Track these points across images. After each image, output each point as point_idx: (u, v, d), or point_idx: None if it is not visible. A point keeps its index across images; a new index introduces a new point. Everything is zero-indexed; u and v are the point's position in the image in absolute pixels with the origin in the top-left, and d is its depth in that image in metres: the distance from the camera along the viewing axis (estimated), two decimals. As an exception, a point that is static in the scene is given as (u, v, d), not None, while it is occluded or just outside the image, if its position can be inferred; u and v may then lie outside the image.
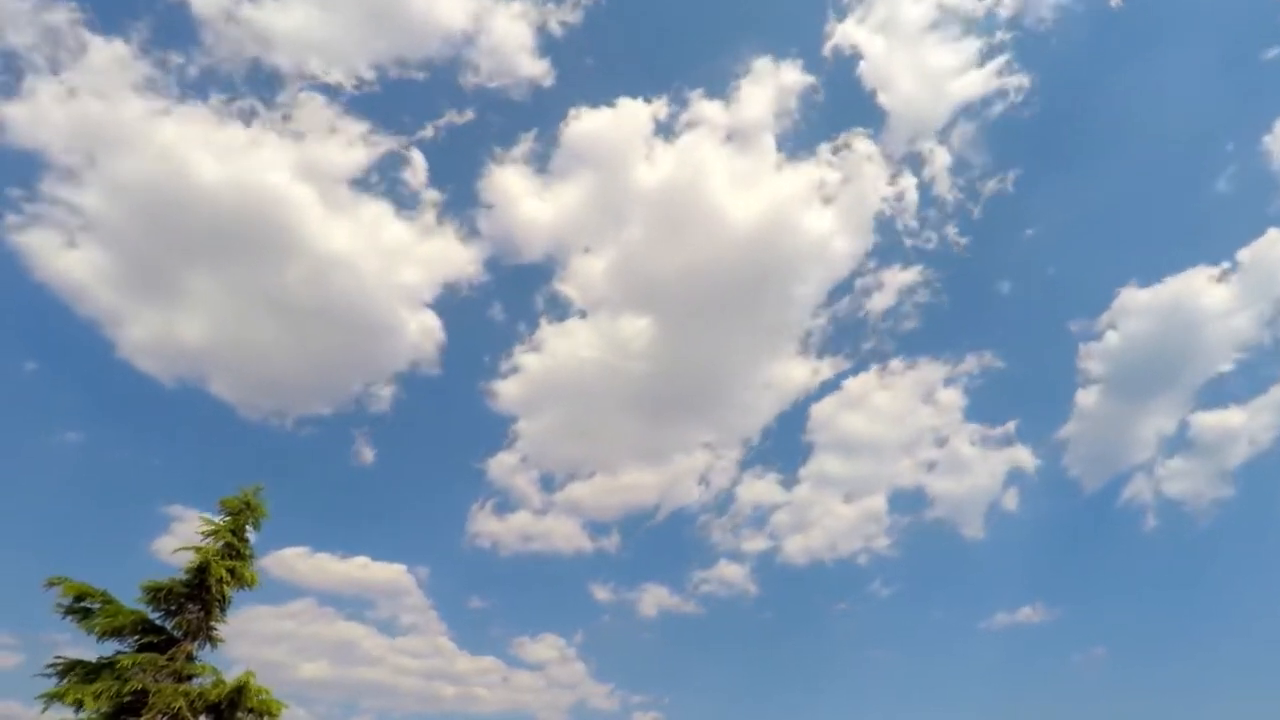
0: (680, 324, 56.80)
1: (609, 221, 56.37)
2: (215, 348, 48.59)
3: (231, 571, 12.12)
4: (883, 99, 52.99)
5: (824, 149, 54.72)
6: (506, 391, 53.50)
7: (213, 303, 48.30)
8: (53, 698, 10.25)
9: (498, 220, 55.38)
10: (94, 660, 10.86)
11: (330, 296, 50.32)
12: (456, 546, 50.20)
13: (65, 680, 10.48)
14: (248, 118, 47.57)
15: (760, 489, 51.86)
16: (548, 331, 56.00)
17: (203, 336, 48.33)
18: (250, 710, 11.51)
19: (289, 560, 44.71)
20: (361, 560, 45.97)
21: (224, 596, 12.02)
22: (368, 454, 51.23)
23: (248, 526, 12.68)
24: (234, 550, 12.33)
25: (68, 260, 44.53)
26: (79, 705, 10.32)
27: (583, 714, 44.91)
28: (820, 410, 53.48)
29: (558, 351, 55.44)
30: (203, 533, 12.22)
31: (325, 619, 45.02)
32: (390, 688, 44.62)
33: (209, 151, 45.88)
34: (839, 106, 55.23)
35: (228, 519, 12.52)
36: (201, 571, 11.85)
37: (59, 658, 10.67)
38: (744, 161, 54.88)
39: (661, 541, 52.55)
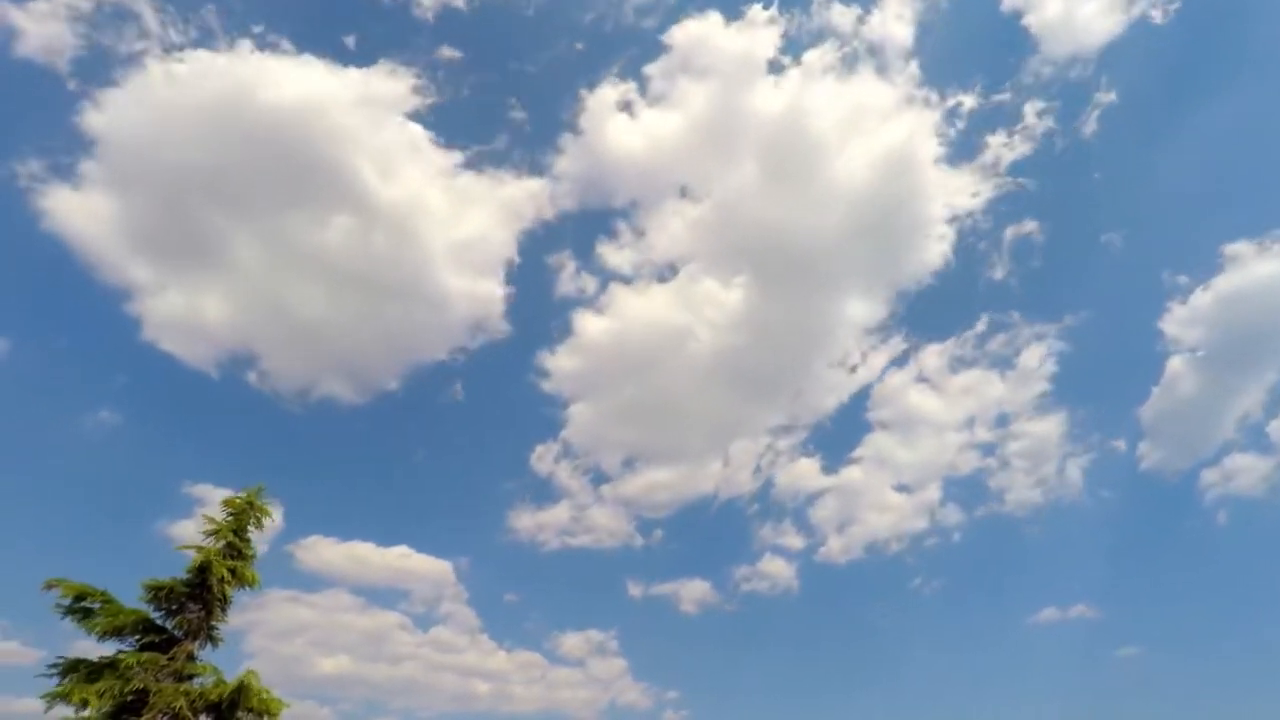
0: (776, 288, 49.52)
1: (716, 156, 47.90)
2: (251, 320, 44.46)
3: (233, 571, 12.14)
4: (1030, 20, 47.67)
5: (964, 77, 49.55)
6: (565, 369, 48.53)
7: (250, 265, 43.30)
8: (56, 697, 10.35)
9: (584, 155, 48.60)
10: (96, 660, 10.96)
11: (381, 257, 45.04)
12: (497, 540, 48.14)
13: (68, 679, 10.58)
14: (301, 42, 42.22)
15: (814, 479, 48.90)
16: (619, 294, 49.66)
17: (236, 308, 43.82)
18: (251, 710, 11.52)
19: (319, 549, 43.46)
20: (401, 550, 44.22)
21: (225, 596, 12.04)
22: (407, 440, 49.50)
23: (250, 526, 12.70)
24: (235, 550, 12.35)
25: (86, 206, 38.92)
26: (82, 704, 10.41)
27: (623, 712, 43.37)
28: (888, 388, 49.58)
29: (629, 316, 49.10)
30: (204, 532, 12.28)
31: (355, 610, 43.43)
32: (422, 684, 42.76)
33: (256, 79, 39.64)
34: (981, 26, 49.79)
35: (229, 518, 12.55)
36: (203, 571, 11.87)
37: (61, 658, 10.80)
38: (875, 89, 47.70)
39: (713, 535, 49.97)
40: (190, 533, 12.79)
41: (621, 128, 49.11)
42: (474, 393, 50.66)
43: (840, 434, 50.88)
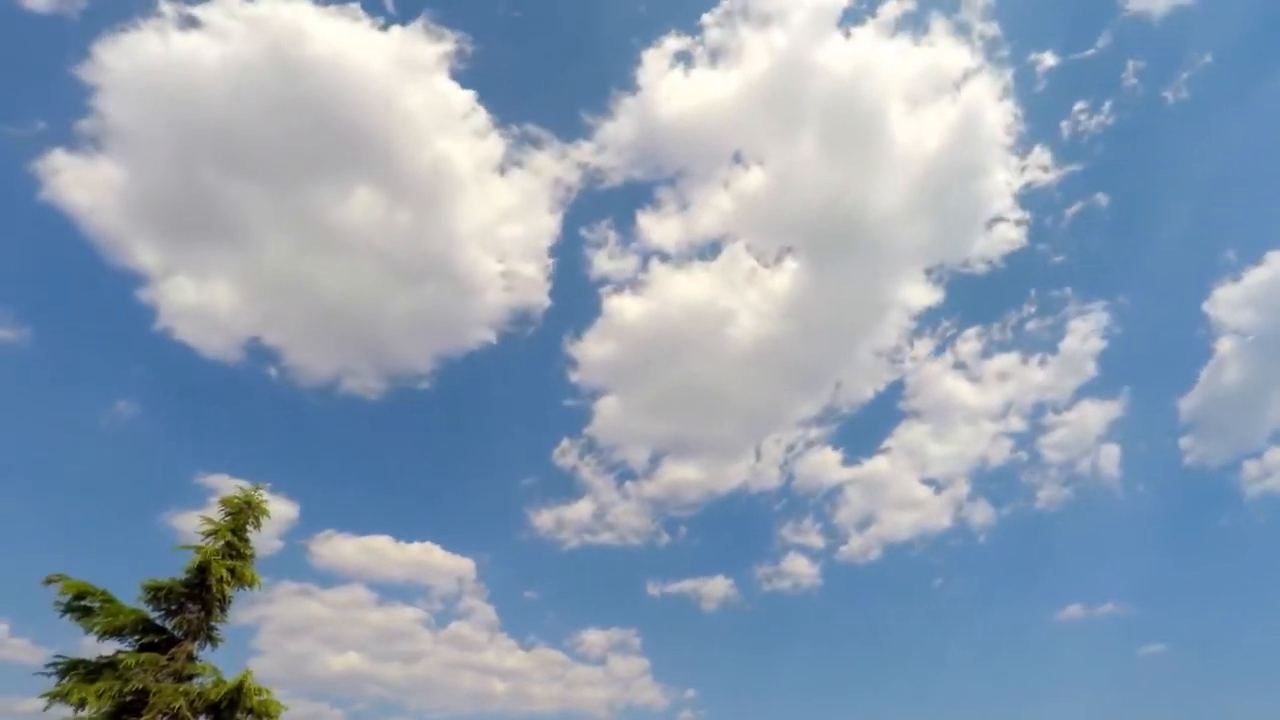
0: (827, 269, 46.02)
1: (776, 119, 43.32)
2: (269, 305, 42.14)
3: (232, 571, 12.08)
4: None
5: (1045, 38, 44.39)
6: (595, 358, 45.97)
7: (270, 244, 40.65)
8: (55, 697, 10.40)
9: (634, 120, 44.87)
10: (95, 660, 11.00)
11: (411, 235, 42.00)
12: (517, 537, 46.72)
13: (66, 679, 10.63)
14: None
15: (842, 473, 46.81)
16: (659, 273, 46.49)
17: (254, 292, 41.36)
18: (250, 711, 11.53)
19: (335, 544, 42.45)
20: (420, 546, 43.13)
21: (224, 596, 12.03)
22: (429, 432, 47.61)
23: (248, 526, 12.63)
24: (234, 550, 12.30)
25: (93, 176, 35.92)
26: (81, 704, 10.46)
27: (641, 710, 42.38)
28: (928, 374, 47.13)
29: (667, 298, 46.06)
30: (203, 532, 12.23)
31: (371, 607, 42.26)
32: (439, 682, 41.65)
33: (285, 30, 35.81)
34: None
35: (227, 518, 12.48)
36: (202, 571, 11.84)
37: (59, 657, 10.86)
38: (951, 49, 43.93)
39: (739, 531, 48.32)
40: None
41: (677, 85, 45.15)
42: (500, 383, 49.08)
43: (874, 425, 48.61)
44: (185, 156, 37.45)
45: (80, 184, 37.15)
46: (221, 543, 12.20)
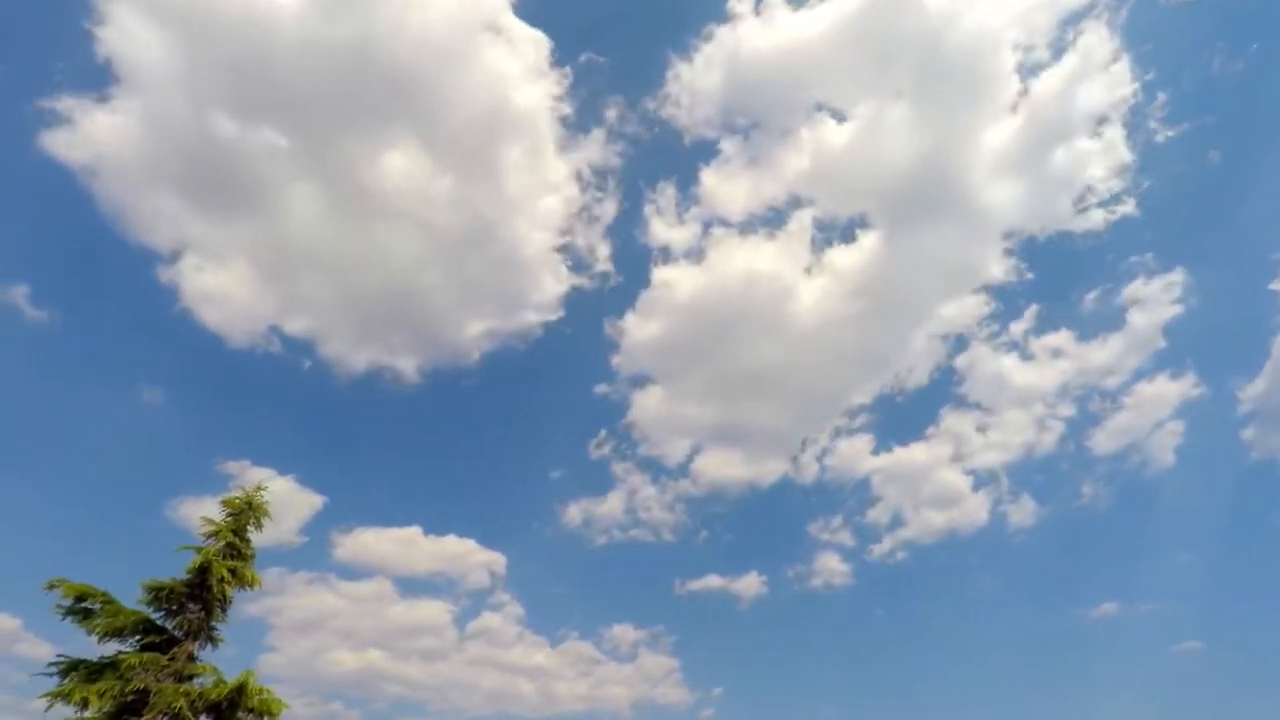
0: (905, 241, 41.58)
1: (868, 64, 38.72)
2: (296, 282, 39.65)
3: (233, 572, 12.12)
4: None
5: None
6: (639, 341, 43.38)
7: (300, 212, 37.28)
8: (56, 697, 10.47)
9: (724, 51, 40.83)
10: (96, 660, 11.06)
11: (452, 202, 38.36)
12: (547, 532, 45.32)
13: (68, 679, 10.70)
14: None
15: (882, 466, 44.35)
16: (720, 239, 43.42)
17: (280, 268, 38.35)
18: (250, 710, 11.55)
19: (360, 536, 41.56)
20: (447, 540, 42.33)
21: (225, 596, 12.07)
22: (460, 422, 46.05)
23: (249, 527, 12.68)
24: (235, 550, 12.34)
25: (105, 130, 33.01)
26: (83, 704, 10.51)
27: (665, 709, 41.37)
28: (981, 355, 43.96)
29: (725, 271, 42.52)
30: (203, 533, 12.29)
31: (394, 602, 41.43)
32: (463, 679, 40.90)
33: None
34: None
35: (228, 519, 12.53)
36: (202, 572, 11.88)
37: (61, 657, 10.93)
38: None
39: (776, 527, 46.63)
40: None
41: (768, 17, 41.05)
42: (534, 370, 47.10)
43: (923, 412, 45.78)
44: (207, 112, 33.94)
45: (88, 134, 34.22)
46: (222, 543, 12.25)
